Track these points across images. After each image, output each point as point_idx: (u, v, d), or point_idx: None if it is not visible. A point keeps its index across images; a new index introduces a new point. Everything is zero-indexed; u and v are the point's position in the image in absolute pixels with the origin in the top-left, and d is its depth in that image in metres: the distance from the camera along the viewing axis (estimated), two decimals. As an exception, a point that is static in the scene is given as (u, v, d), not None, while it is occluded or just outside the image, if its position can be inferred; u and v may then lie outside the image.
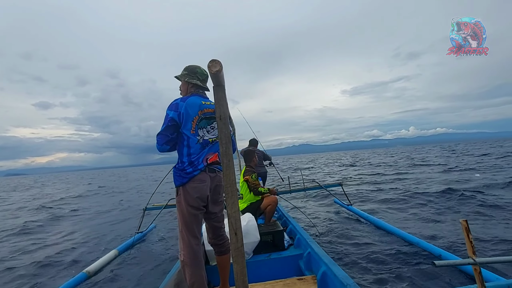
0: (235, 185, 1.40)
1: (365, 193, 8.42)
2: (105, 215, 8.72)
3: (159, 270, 3.75)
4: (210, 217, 2.14)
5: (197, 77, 2.10)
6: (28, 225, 7.62)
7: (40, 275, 3.96)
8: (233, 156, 1.68)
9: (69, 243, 5.58)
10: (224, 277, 2.25)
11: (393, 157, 33.20)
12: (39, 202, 13.50)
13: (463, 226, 1.40)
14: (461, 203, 6.01)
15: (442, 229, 4.33)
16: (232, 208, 1.37)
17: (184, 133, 1.97)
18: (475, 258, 1.37)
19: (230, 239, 1.36)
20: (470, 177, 9.72)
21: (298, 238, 3.26)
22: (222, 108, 1.43)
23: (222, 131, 1.42)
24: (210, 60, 1.25)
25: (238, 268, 1.34)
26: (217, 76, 1.32)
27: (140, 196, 13.23)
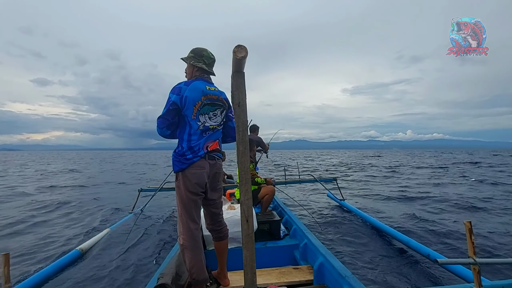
0: (249, 172, 1.41)
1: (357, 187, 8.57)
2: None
3: (151, 250, 3.78)
4: (209, 203, 2.15)
5: (203, 61, 2.05)
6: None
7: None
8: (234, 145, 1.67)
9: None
10: (222, 262, 2.29)
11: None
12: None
13: (466, 227, 1.45)
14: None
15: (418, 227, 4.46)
16: (245, 196, 1.38)
17: (185, 118, 1.95)
18: (476, 258, 1.42)
19: (242, 226, 1.38)
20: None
21: (294, 228, 3.31)
22: (241, 94, 1.42)
23: (240, 118, 1.41)
24: (236, 45, 1.23)
25: (247, 254, 1.36)
26: (240, 62, 1.30)
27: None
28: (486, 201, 6.74)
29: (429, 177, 12.09)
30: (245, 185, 1.39)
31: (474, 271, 1.45)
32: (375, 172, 15.68)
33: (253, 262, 1.37)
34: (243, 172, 1.39)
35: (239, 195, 3.97)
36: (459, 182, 10.41)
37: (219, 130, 2.09)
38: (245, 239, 1.37)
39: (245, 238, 1.37)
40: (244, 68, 1.44)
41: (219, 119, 2.06)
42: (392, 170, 16.26)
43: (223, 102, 2.06)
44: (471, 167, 17.70)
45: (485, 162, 23.22)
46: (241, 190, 1.39)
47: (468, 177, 11.80)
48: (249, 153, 1.44)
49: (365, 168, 18.08)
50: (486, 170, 15.84)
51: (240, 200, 1.40)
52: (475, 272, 1.45)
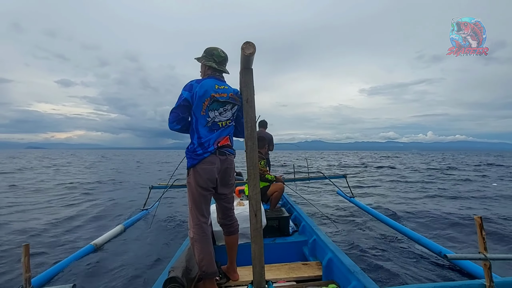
0: (257, 168, 1.43)
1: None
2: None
3: (162, 245, 3.87)
4: (220, 197, 2.19)
5: (213, 59, 2.10)
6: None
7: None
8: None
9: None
10: (232, 257, 2.32)
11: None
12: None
13: (477, 223, 1.43)
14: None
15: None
16: (254, 190, 1.40)
17: (195, 114, 2.00)
18: (486, 254, 1.40)
19: (250, 220, 1.40)
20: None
21: (303, 225, 3.32)
22: (249, 91, 1.44)
23: (248, 114, 1.43)
24: (244, 42, 1.25)
25: (256, 248, 1.39)
26: (248, 59, 1.32)
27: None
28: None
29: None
30: (253, 180, 1.41)
31: (485, 267, 1.43)
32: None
33: (261, 256, 1.39)
34: (251, 167, 1.41)
35: (248, 192, 4.01)
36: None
37: (230, 126, 2.12)
38: (253, 233, 1.39)
39: (253, 232, 1.39)
40: (252, 65, 1.45)
41: (229, 114, 2.08)
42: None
43: (235, 98, 2.09)
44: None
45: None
46: (249, 185, 1.42)
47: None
48: (257, 148, 1.46)
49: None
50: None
51: (248, 194, 1.42)
52: (485, 268, 1.43)
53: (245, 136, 1.44)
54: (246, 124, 1.44)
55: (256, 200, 1.41)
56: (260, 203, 1.42)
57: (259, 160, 3.91)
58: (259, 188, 1.43)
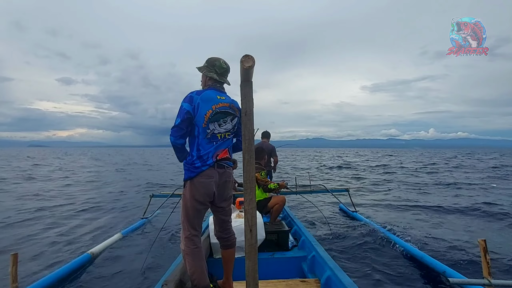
0: (254, 182, 1.40)
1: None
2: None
3: (160, 256, 3.80)
4: (218, 210, 2.15)
5: (214, 70, 2.09)
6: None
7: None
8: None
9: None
10: (228, 271, 2.26)
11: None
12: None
13: (481, 246, 1.38)
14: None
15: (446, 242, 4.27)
16: (250, 205, 1.37)
17: (195, 127, 1.97)
18: (491, 280, 1.35)
19: (245, 235, 1.37)
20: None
21: (303, 240, 3.25)
22: (248, 103, 1.43)
23: (247, 127, 1.42)
24: (244, 55, 1.25)
25: (250, 264, 1.35)
26: (248, 72, 1.32)
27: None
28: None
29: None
30: (250, 194, 1.38)
31: (489, 292, 1.37)
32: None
33: (255, 273, 1.35)
34: (247, 181, 1.39)
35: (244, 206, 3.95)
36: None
37: (229, 139, 2.10)
38: (248, 249, 1.36)
39: (248, 248, 1.36)
40: (252, 78, 1.45)
41: (229, 126, 2.06)
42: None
43: (235, 110, 2.08)
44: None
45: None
46: (245, 199, 1.39)
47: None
48: (254, 162, 1.43)
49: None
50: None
51: (244, 209, 1.39)
52: (490, 294, 1.37)
53: (243, 149, 1.42)
54: (244, 137, 1.42)
55: (252, 215, 1.38)
56: (256, 218, 1.39)
57: (259, 171, 3.88)
58: (255, 202, 1.40)
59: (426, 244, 4.35)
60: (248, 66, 1.26)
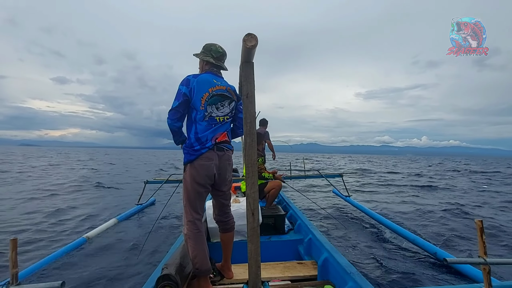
0: (256, 165, 1.39)
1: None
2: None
3: (156, 241, 3.82)
4: (218, 194, 2.15)
5: (211, 55, 2.08)
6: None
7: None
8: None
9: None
10: (227, 254, 2.29)
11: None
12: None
13: (477, 226, 1.40)
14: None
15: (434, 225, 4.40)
16: (252, 188, 1.36)
17: (193, 109, 1.97)
18: (486, 258, 1.38)
19: (247, 219, 1.36)
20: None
21: (299, 223, 3.29)
22: (250, 85, 1.39)
23: (248, 109, 1.39)
24: (246, 34, 1.20)
25: (252, 247, 1.35)
26: (250, 51, 1.27)
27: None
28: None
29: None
30: (252, 178, 1.37)
31: (484, 271, 1.41)
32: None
33: (257, 256, 1.36)
34: (249, 165, 1.37)
35: (244, 188, 3.96)
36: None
37: (227, 122, 2.08)
38: (250, 232, 1.36)
39: (250, 232, 1.36)
40: (253, 58, 1.41)
41: (226, 110, 2.04)
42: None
43: (231, 93, 2.06)
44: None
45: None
46: (247, 183, 1.37)
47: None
48: (256, 146, 1.41)
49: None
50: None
51: (246, 193, 1.38)
52: (485, 272, 1.41)
53: (244, 132, 1.40)
54: (245, 120, 1.39)
55: (254, 199, 1.37)
56: (258, 202, 1.38)
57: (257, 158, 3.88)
58: (257, 187, 1.39)
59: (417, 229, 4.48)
60: (251, 45, 1.22)
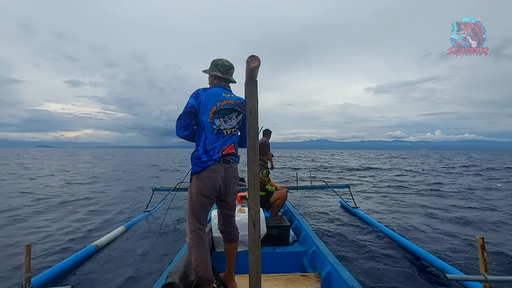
0: (257, 178, 1.44)
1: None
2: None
3: (162, 249, 3.87)
4: (223, 205, 2.21)
5: (218, 69, 2.17)
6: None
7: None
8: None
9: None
10: (230, 264, 2.32)
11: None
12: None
13: (478, 243, 1.41)
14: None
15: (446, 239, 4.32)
16: (253, 200, 1.41)
17: (201, 122, 2.05)
18: (487, 276, 1.39)
19: (249, 230, 1.41)
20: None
21: (303, 235, 3.30)
22: (253, 102, 1.46)
23: (251, 125, 1.45)
24: (250, 56, 1.27)
25: (253, 258, 1.39)
26: (253, 71, 1.35)
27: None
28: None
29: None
30: (253, 190, 1.42)
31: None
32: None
33: (258, 267, 1.40)
34: (251, 177, 1.43)
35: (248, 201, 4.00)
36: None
37: (234, 134, 2.15)
38: (251, 244, 1.40)
39: (251, 243, 1.40)
40: (257, 77, 1.48)
41: (234, 123, 2.12)
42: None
43: (240, 106, 2.13)
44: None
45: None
46: (249, 195, 1.43)
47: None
48: (258, 159, 1.47)
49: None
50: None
51: (248, 204, 1.43)
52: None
53: (247, 147, 1.46)
54: (248, 135, 1.46)
55: (256, 210, 1.42)
56: (259, 214, 1.43)
57: (261, 169, 3.92)
58: (259, 198, 1.44)
59: (425, 241, 4.41)
60: (254, 66, 1.29)
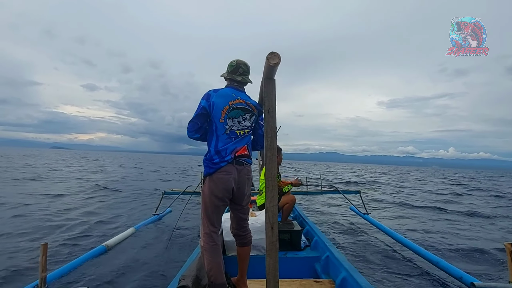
0: (275, 179, 1.40)
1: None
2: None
3: (172, 252, 3.86)
4: (236, 208, 2.16)
5: (227, 70, 2.16)
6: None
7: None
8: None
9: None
10: (243, 268, 2.27)
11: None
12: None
13: (507, 250, 1.34)
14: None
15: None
16: (271, 202, 1.37)
17: (213, 122, 2.02)
18: (518, 286, 1.31)
19: (266, 233, 1.37)
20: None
21: (315, 240, 3.23)
22: (271, 101, 1.43)
23: (269, 124, 1.41)
24: (270, 52, 1.24)
25: (271, 262, 1.35)
26: (272, 69, 1.32)
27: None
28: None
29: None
30: (271, 191, 1.38)
31: (516, 299, 1.34)
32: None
33: (276, 271, 1.35)
34: (269, 178, 1.39)
35: (260, 202, 3.95)
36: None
37: (247, 136, 2.12)
38: (269, 247, 1.36)
39: (269, 246, 1.36)
40: (275, 75, 1.45)
41: (247, 124, 2.08)
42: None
43: (252, 107, 2.10)
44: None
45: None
46: (267, 197, 1.39)
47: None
48: (276, 160, 1.43)
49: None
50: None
51: (265, 206, 1.39)
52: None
53: (265, 147, 1.42)
54: (266, 134, 1.42)
55: (274, 213, 1.37)
56: (277, 216, 1.38)
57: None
58: (277, 200, 1.40)
59: (440, 248, 4.28)
60: (274, 63, 1.27)
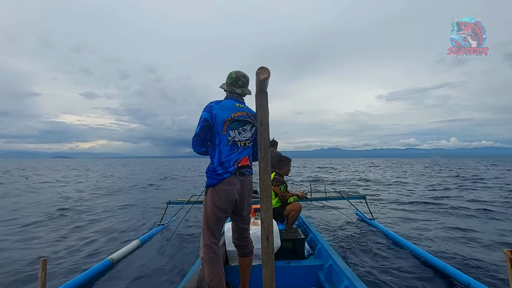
0: (270, 190, 1.42)
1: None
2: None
3: (177, 263, 3.85)
4: (237, 218, 2.18)
5: (227, 82, 2.20)
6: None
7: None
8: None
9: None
10: (245, 279, 2.27)
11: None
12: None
13: (507, 257, 1.32)
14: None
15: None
16: (266, 213, 1.39)
17: (216, 134, 2.05)
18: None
19: (262, 244, 1.38)
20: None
21: (319, 248, 3.21)
22: (264, 113, 1.46)
23: (262, 136, 1.44)
24: (259, 67, 1.28)
25: (267, 272, 1.36)
26: (263, 83, 1.35)
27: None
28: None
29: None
30: (266, 202, 1.40)
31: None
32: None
33: (272, 282, 1.36)
34: (264, 189, 1.41)
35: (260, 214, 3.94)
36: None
37: (249, 147, 2.15)
38: (265, 258, 1.37)
39: (265, 257, 1.37)
40: (267, 88, 1.48)
41: (248, 134, 2.12)
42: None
43: (253, 119, 2.14)
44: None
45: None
46: (261, 208, 1.41)
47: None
48: (270, 171, 1.45)
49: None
50: None
51: (260, 217, 1.41)
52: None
53: (259, 158, 1.45)
54: (260, 146, 1.45)
55: (269, 223, 1.39)
56: (273, 226, 1.40)
57: (278, 185, 3.83)
58: (272, 211, 1.42)
59: (446, 253, 4.20)
60: (263, 77, 1.30)
